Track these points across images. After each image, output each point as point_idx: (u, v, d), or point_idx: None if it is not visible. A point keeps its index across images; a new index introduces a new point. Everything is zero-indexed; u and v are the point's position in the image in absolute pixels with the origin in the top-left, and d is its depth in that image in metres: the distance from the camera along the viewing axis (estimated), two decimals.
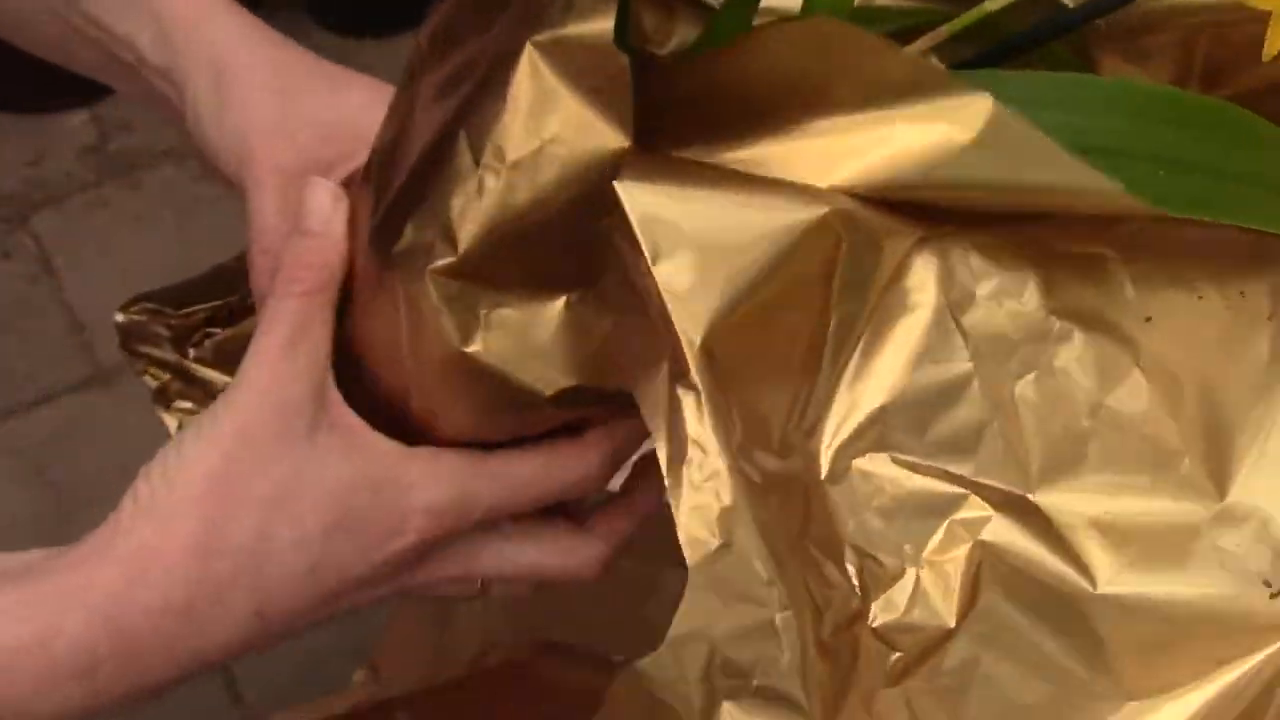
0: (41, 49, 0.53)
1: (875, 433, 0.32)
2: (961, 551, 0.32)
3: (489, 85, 0.33)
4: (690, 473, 0.31)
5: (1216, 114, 0.33)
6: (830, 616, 0.32)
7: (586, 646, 0.97)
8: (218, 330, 0.50)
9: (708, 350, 0.30)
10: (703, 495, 0.31)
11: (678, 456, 0.31)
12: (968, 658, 0.31)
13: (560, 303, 0.36)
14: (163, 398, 0.49)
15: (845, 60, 0.29)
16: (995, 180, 0.29)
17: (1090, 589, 0.31)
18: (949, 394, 0.33)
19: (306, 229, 0.39)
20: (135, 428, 0.48)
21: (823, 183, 0.31)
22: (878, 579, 0.32)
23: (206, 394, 0.49)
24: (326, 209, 0.39)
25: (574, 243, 0.34)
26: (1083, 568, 0.32)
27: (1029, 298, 0.33)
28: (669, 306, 0.31)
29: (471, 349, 0.36)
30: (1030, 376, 0.33)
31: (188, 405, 0.49)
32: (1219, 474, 0.32)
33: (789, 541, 0.31)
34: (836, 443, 0.32)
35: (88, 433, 1.30)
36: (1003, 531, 0.32)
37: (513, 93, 0.32)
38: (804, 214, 0.31)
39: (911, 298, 0.32)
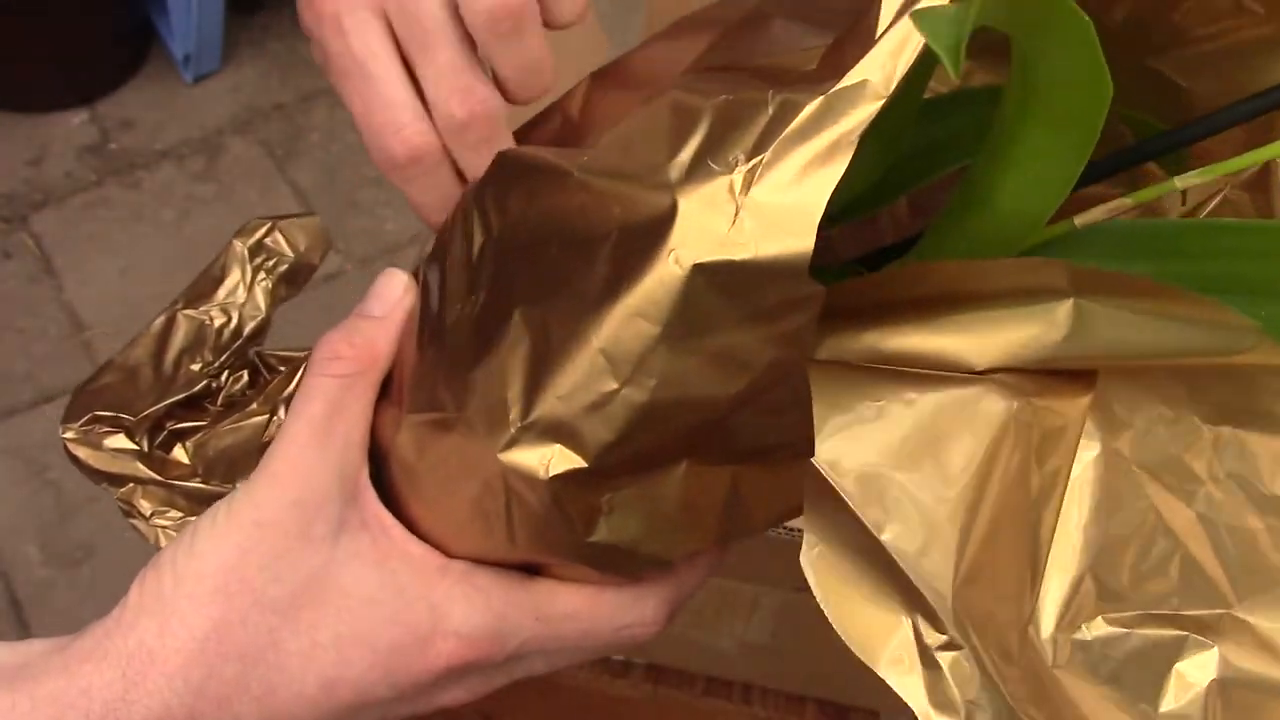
0: None
1: (1082, 600, 0.31)
2: (1197, 694, 0.30)
3: (623, 283, 0.30)
4: None
5: None
6: None
7: None
8: (188, 425, 0.44)
9: (959, 602, 0.29)
10: None
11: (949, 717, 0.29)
12: None
13: (681, 469, 0.33)
14: (135, 511, 0.43)
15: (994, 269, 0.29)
16: (1118, 354, 0.30)
17: None
18: (1139, 536, 0.31)
19: (367, 311, 0.37)
20: None
21: (979, 363, 0.30)
22: None
23: (191, 500, 0.44)
24: (393, 298, 0.37)
25: (711, 424, 0.31)
26: None
27: (1191, 414, 0.31)
28: (909, 573, 0.28)
29: (595, 539, 0.33)
30: (1204, 491, 0.31)
31: (173, 516, 0.43)
32: None
33: None
34: (1054, 624, 0.30)
35: None
36: (1227, 660, 0.31)
37: (661, 309, 0.29)
38: (990, 399, 0.29)
39: (1081, 453, 0.31)
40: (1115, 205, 0.31)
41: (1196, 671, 0.30)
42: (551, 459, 0.32)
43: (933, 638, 0.29)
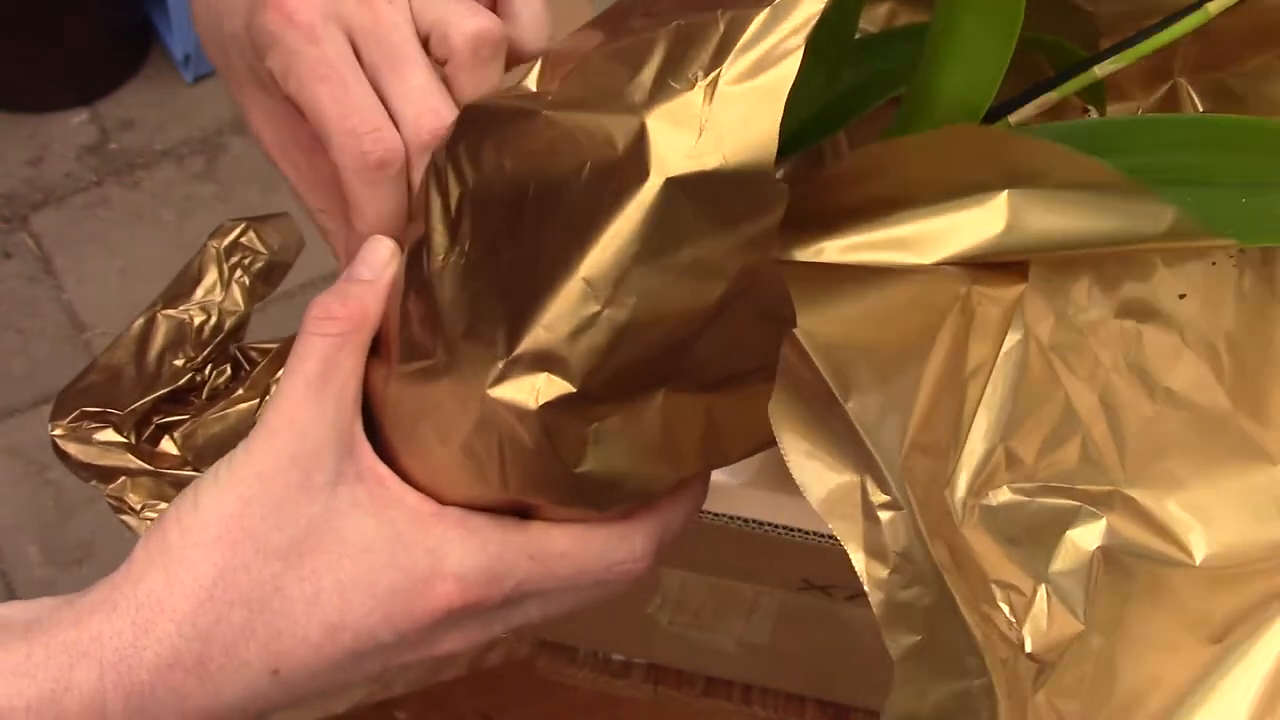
0: None
1: (992, 469, 0.34)
2: (1084, 558, 0.34)
3: (600, 211, 0.31)
4: (896, 583, 0.31)
5: None
6: (1011, 661, 0.33)
7: (587, 646, 0.98)
8: (174, 418, 0.45)
9: (906, 471, 0.31)
10: (908, 597, 0.31)
11: (878, 567, 0.31)
12: (1097, 648, 0.34)
13: (659, 398, 0.34)
14: (126, 506, 0.44)
15: (935, 161, 0.32)
16: (1048, 244, 0.32)
17: (1193, 564, 0.34)
18: (1046, 412, 0.34)
19: (355, 276, 0.38)
20: None
21: (928, 260, 0.33)
22: (1021, 606, 0.33)
23: (180, 490, 0.44)
24: (380, 262, 0.38)
25: (686, 340, 0.33)
26: (1182, 547, 0.34)
27: (1103, 306, 0.35)
28: (866, 440, 0.31)
29: (583, 469, 0.34)
30: (1108, 377, 0.34)
31: (163, 509, 0.43)
32: (1267, 421, 0.35)
33: (971, 605, 0.32)
34: (966, 489, 0.33)
35: None
36: (1113, 530, 0.34)
37: (638, 228, 0.31)
38: (940, 289, 0.32)
39: (1010, 338, 0.34)
40: (1042, 100, 0.35)
41: (1085, 538, 0.34)
42: (540, 388, 0.33)
43: (878, 497, 0.31)
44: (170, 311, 0.45)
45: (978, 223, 0.32)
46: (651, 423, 0.34)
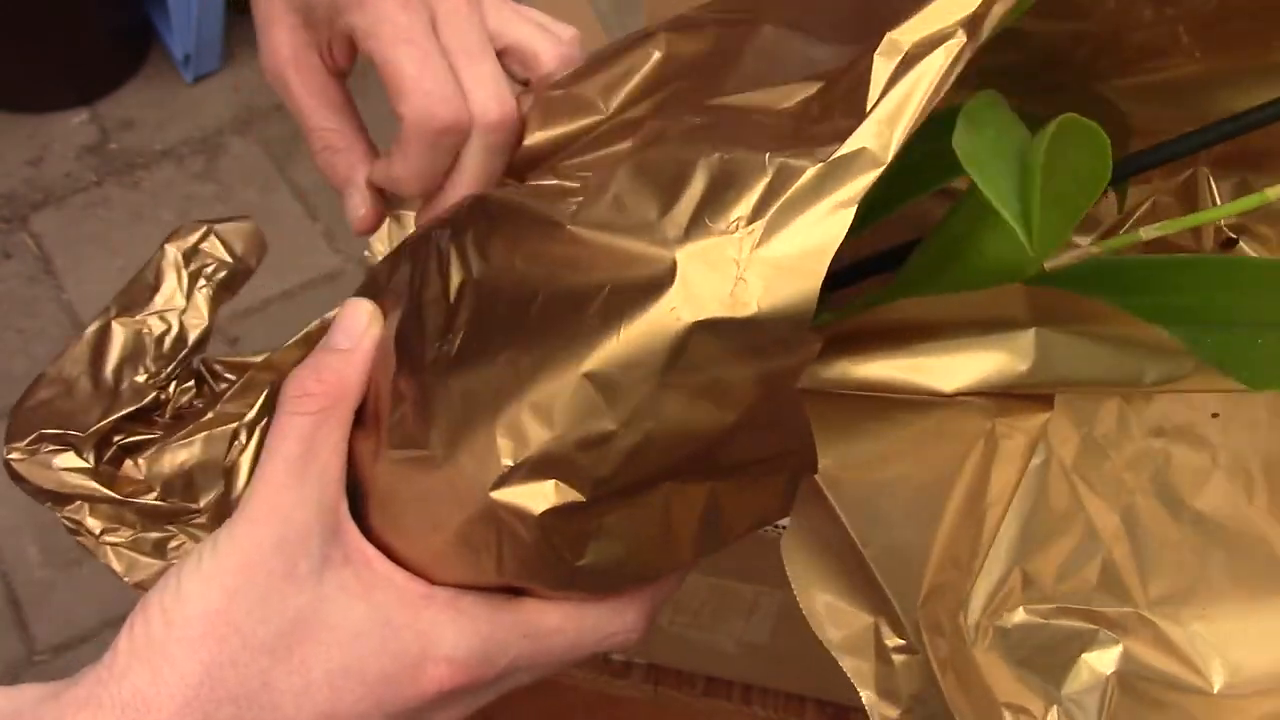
0: None
1: (1008, 591, 0.33)
2: (1098, 682, 0.33)
3: (617, 334, 0.30)
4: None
5: None
6: None
7: None
8: (137, 438, 0.43)
9: (923, 617, 0.30)
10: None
11: (889, 708, 0.31)
12: None
13: (664, 489, 0.34)
14: (83, 529, 0.42)
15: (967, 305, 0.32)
16: (1073, 382, 0.32)
17: (1210, 692, 0.33)
18: (1066, 534, 0.34)
19: (333, 345, 0.37)
20: None
21: (948, 389, 0.32)
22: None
23: (144, 517, 0.42)
24: (359, 329, 0.37)
25: (702, 452, 0.32)
26: (1201, 674, 0.33)
27: (1131, 426, 0.34)
28: (884, 586, 0.31)
29: (584, 563, 0.34)
30: (1133, 499, 0.34)
31: (123, 534, 0.42)
32: None
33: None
34: (980, 611, 0.33)
35: None
36: (1129, 654, 0.33)
37: (660, 360, 0.30)
38: (965, 422, 0.32)
39: (1033, 460, 0.34)
40: (1083, 253, 0.33)
41: (1101, 661, 0.33)
42: (546, 494, 0.32)
43: (892, 640, 0.30)
44: (126, 319, 0.43)
45: (1004, 358, 0.31)
46: (654, 515, 0.34)
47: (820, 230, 0.29)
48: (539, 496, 0.33)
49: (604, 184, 0.32)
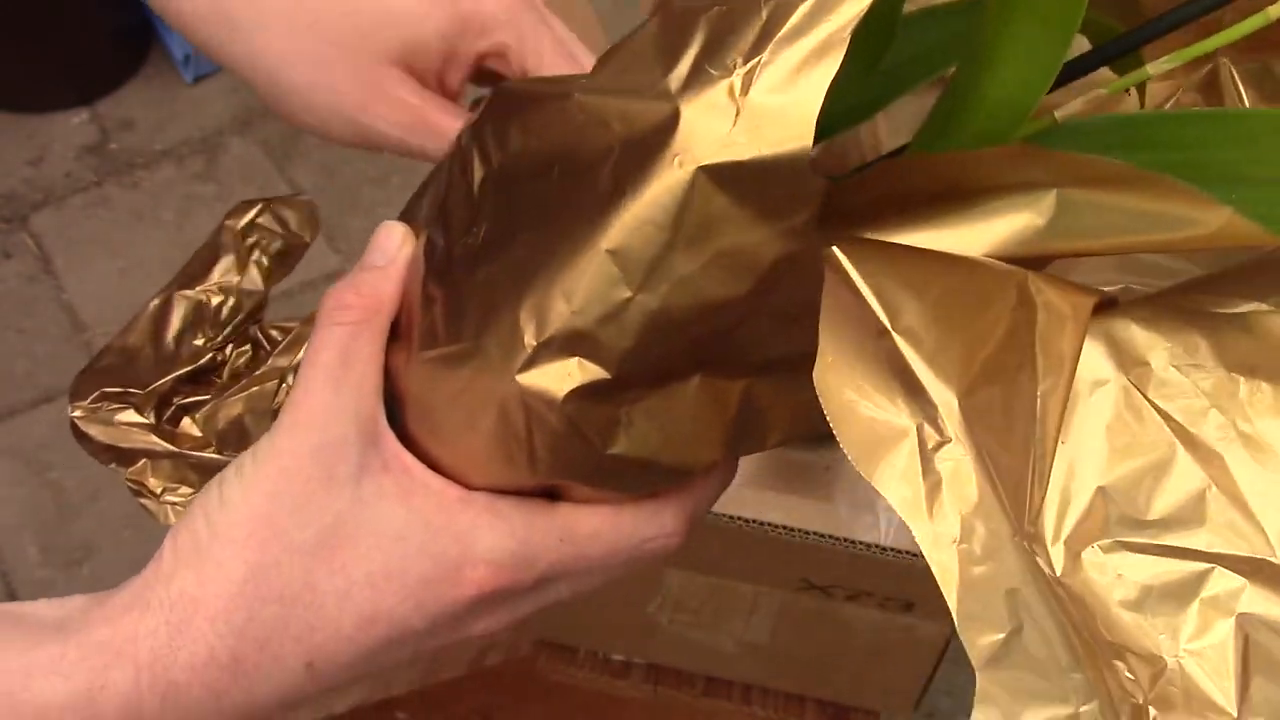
0: None
1: (1096, 521, 0.31)
2: (1224, 631, 0.29)
3: (629, 195, 0.31)
4: (964, 552, 0.28)
5: None
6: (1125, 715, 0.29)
7: (587, 646, 0.98)
8: (195, 399, 0.45)
9: (966, 412, 0.29)
10: (984, 576, 0.28)
11: (945, 537, 0.28)
12: None
13: (695, 382, 0.34)
14: (145, 490, 0.44)
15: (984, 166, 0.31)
16: (1091, 241, 0.31)
17: None
18: (1159, 469, 0.31)
19: (369, 263, 0.38)
20: None
21: (973, 253, 0.31)
22: (1144, 675, 0.29)
23: (202, 473, 0.44)
24: (393, 248, 0.38)
25: (724, 330, 0.33)
26: None
27: (1205, 358, 0.32)
28: (917, 371, 0.29)
29: (615, 451, 0.34)
30: (1233, 436, 0.31)
31: (184, 492, 0.44)
32: None
33: (1072, 625, 0.29)
34: (1063, 536, 0.30)
35: None
36: (1260, 600, 0.30)
37: (669, 215, 0.30)
38: (995, 273, 0.31)
39: (1092, 378, 0.32)
40: (1093, 95, 0.33)
41: (1221, 608, 0.30)
42: (570, 373, 0.33)
43: (934, 438, 0.28)
44: (187, 293, 0.45)
45: (1025, 217, 0.30)
46: (686, 406, 0.34)
47: (814, 63, 0.29)
48: (564, 376, 0.33)
49: (611, 57, 0.33)
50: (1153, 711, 0.29)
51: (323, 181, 1.54)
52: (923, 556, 0.29)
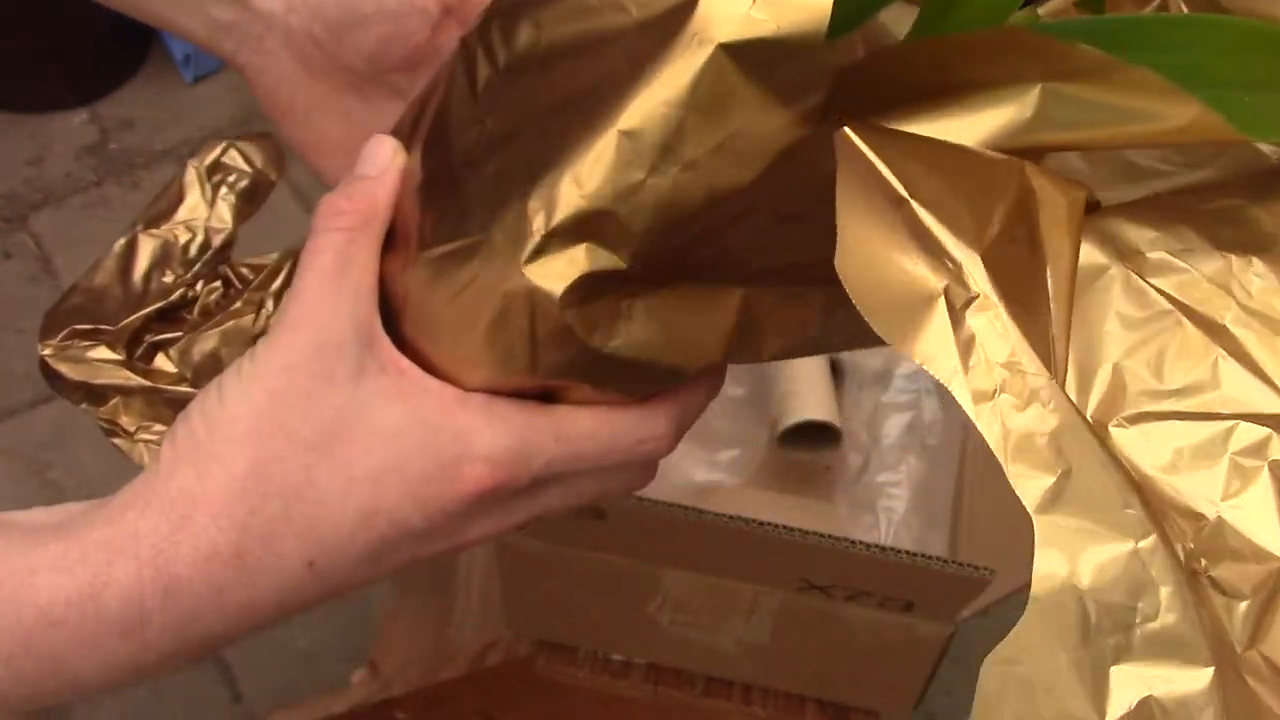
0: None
1: (1117, 398, 0.31)
2: (1260, 480, 0.30)
3: (645, 75, 0.31)
4: (1005, 404, 0.28)
5: None
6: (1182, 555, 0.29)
7: (587, 646, 0.98)
8: (167, 336, 0.44)
9: (990, 268, 0.29)
10: (1027, 423, 0.28)
11: (984, 393, 0.28)
12: None
13: (696, 284, 0.35)
14: (118, 429, 0.43)
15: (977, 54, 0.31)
16: (1076, 132, 0.31)
17: None
18: (1170, 344, 0.32)
19: (361, 173, 0.38)
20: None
21: (970, 143, 0.32)
22: (1189, 531, 0.30)
23: (177, 409, 0.42)
24: (385, 158, 0.38)
25: (728, 223, 0.33)
26: None
27: (1196, 244, 0.33)
28: (937, 234, 0.29)
29: (613, 346, 0.35)
30: (1233, 305, 0.33)
31: (158, 429, 0.43)
32: None
33: (1120, 465, 0.29)
34: (1089, 414, 0.31)
35: (88, 433, 1.30)
36: None
37: (685, 94, 0.31)
38: (1001, 159, 0.31)
39: (1091, 268, 0.33)
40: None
41: (1254, 458, 0.30)
42: (576, 260, 0.33)
43: (961, 296, 0.28)
44: (154, 231, 0.45)
45: (1012, 110, 0.31)
46: (687, 309, 0.35)
47: None
48: (570, 264, 0.33)
49: None
50: (1204, 562, 0.29)
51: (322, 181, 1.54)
52: (923, 556, 0.29)
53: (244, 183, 0.46)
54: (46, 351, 0.43)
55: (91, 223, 1.52)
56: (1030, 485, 0.27)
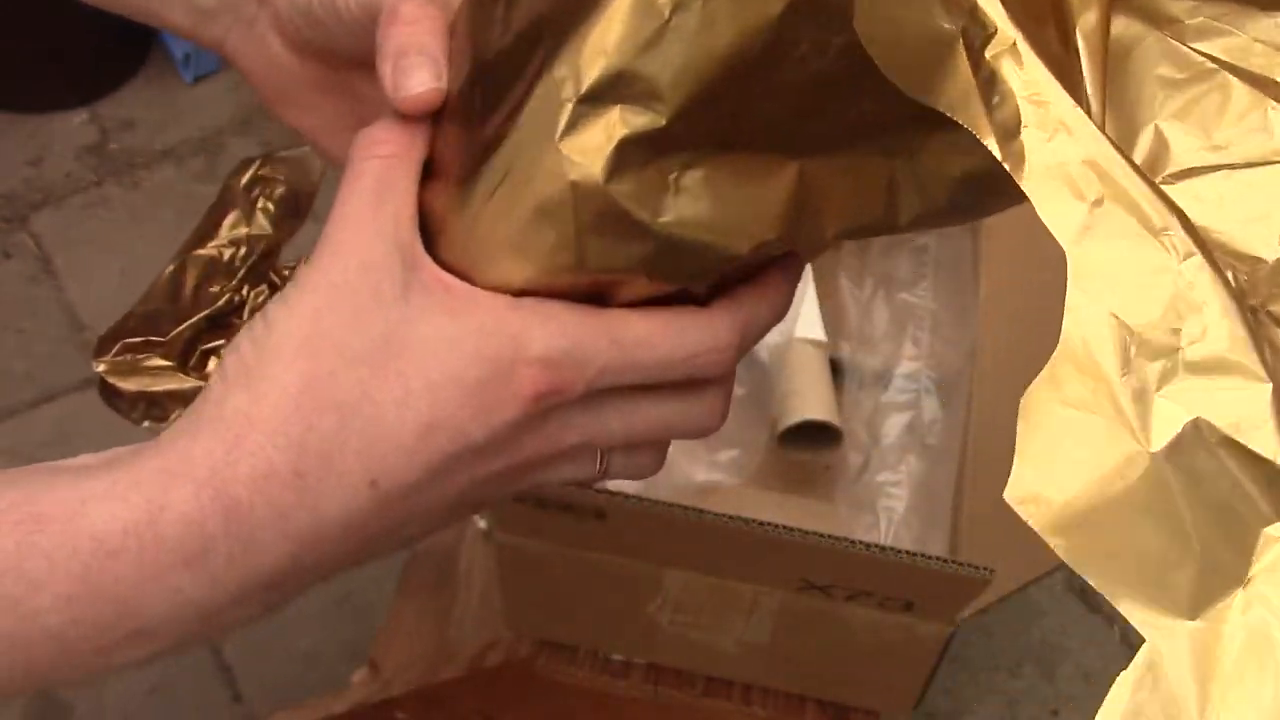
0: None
1: (1160, 155, 0.31)
2: None
3: None
4: (1031, 137, 0.26)
5: None
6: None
7: (587, 646, 0.98)
8: (218, 343, 0.45)
9: (1008, 5, 0.27)
10: (1055, 153, 0.26)
11: (1009, 130, 0.27)
12: None
13: (747, 154, 0.33)
14: None
15: None
16: None
17: None
18: (1215, 99, 0.31)
19: (395, 107, 0.37)
20: (135, 427, 0.46)
21: None
22: (1243, 270, 0.29)
23: None
24: (418, 85, 0.37)
25: (781, 87, 0.32)
26: None
27: (1235, 9, 0.32)
28: None
29: (664, 220, 0.33)
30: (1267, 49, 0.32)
31: None
32: None
33: (1156, 191, 0.27)
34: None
35: (88, 433, 1.30)
36: None
37: None
38: None
39: (1128, 38, 0.32)
40: None
41: None
42: (610, 125, 0.32)
43: (981, 34, 0.27)
44: (199, 253, 0.45)
45: None
46: (738, 180, 0.33)
47: None
48: (606, 131, 0.32)
49: None
50: (1263, 299, 0.28)
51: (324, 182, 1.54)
52: (923, 556, 0.29)
53: (281, 190, 0.46)
54: (101, 367, 0.43)
55: (91, 223, 1.52)
56: (1061, 213, 0.26)
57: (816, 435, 0.92)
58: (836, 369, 0.97)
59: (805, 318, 0.96)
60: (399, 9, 0.38)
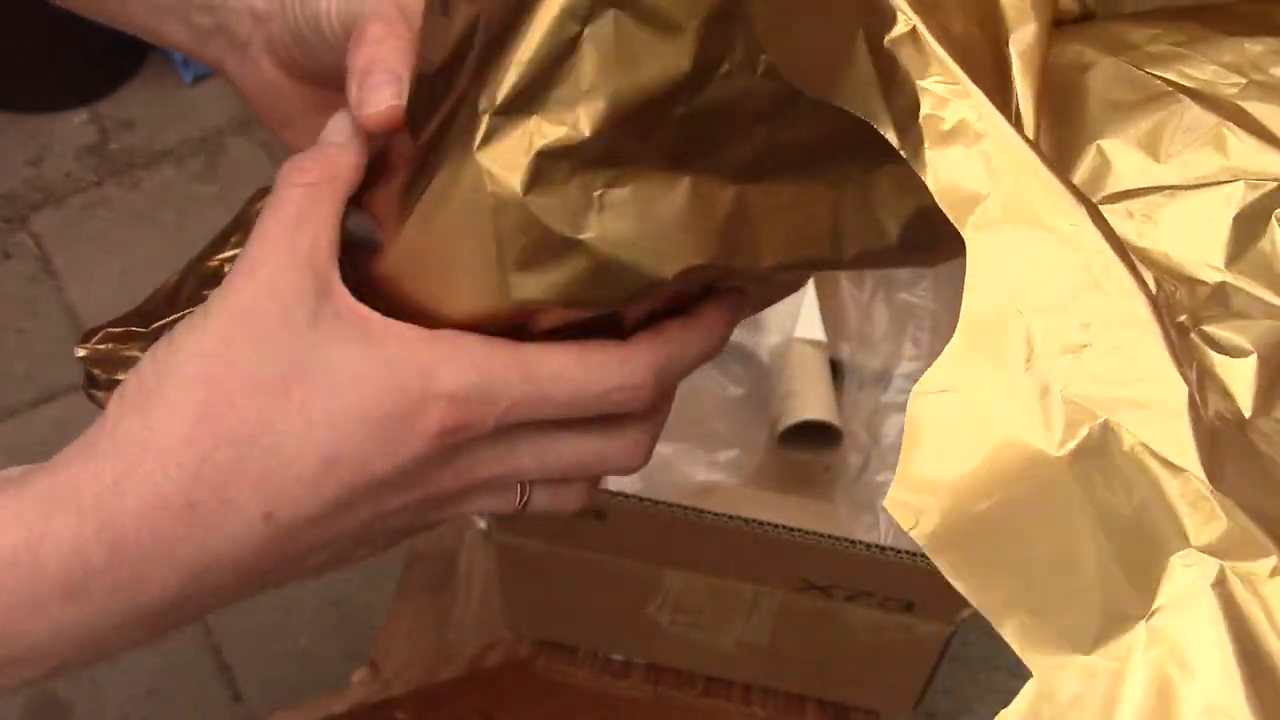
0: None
1: (1099, 175, 0.30)
2: (1267, 237, 0.28)
3: None
4: (929, 124, 0.25)
5: None
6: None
7: (587, 646, 0.98)
8: None
9: (919, 8, 0.26)
10: (955, 140, 0.25)
11: (909, 116, 0.25)
12: None
13: (683, 178, 0.32)
14: None
15: None
16: None
17: None
18: (1168, 120, 0.30)
19: (326, 140, 0.38)
20: None
21: None
22: (1181, 293, 0.28)
23: None
24: (348, 130, 0.38)
25: (701, 99, 0.31)
26: None
27: (1198, 33, 0.31)
28: None
29: (587, 235, 0.32)
30: (1245, 84, 0.31)
31: None
32: None
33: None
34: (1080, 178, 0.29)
35: None
36: None
37: None
38: None
39: (1077, 64, 0.31)
40: None
41: (1263, 211, 0.28)
42: (528, 134, 0.31)
43: (878, 23, 0.26)
44: (205, 261, 0.45)
45: None
46: (668, 200, 0.33)
47: None
48: (523, 140, 0.31)
49: None
50: (1196, 320, 0.27)
51: None
52: (923, 556, 0.27)
53: None
54: (82, 353, 0.43)
55: (91, 223, 1.52)
56: (961, 202, 0.24)
57: (816, 435, 0.92)
58: (836, 369, 0.97)
59: (805, 318, 0.96)
60: (367, 29, 0.38)
